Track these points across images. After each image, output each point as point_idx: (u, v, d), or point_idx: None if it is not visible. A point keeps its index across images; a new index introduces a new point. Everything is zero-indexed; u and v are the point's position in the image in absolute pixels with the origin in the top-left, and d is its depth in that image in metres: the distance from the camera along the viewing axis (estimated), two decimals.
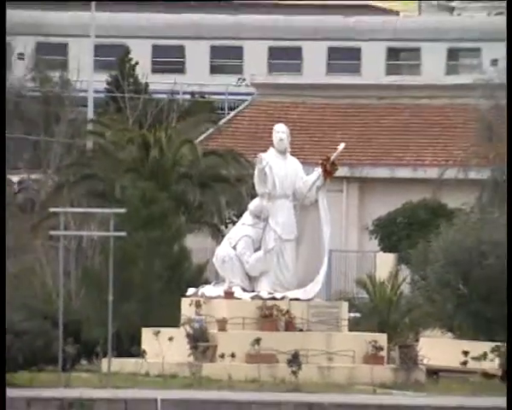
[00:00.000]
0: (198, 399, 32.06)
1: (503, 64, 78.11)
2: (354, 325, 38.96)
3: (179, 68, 74.23)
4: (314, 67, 79.71)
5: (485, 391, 35.88)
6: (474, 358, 37.62)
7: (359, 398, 33.44)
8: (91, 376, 35.84)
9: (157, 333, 37.15)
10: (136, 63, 79.92)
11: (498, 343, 37.48)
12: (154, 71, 73.32)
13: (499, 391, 35.16)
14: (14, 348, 35.74)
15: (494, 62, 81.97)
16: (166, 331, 37.20)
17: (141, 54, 79.54)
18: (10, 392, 33.13)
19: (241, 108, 58.70)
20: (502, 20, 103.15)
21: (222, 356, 36.34)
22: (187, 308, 37.66)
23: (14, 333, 36.13)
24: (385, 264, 43.29)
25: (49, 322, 36.15)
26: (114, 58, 76.34)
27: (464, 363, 37.68)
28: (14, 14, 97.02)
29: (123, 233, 36.80)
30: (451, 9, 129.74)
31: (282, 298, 37.84)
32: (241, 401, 31.71)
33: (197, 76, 71.91)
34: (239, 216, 39.43)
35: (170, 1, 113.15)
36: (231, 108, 57.46)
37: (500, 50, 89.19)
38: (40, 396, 32.03)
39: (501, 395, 34.51)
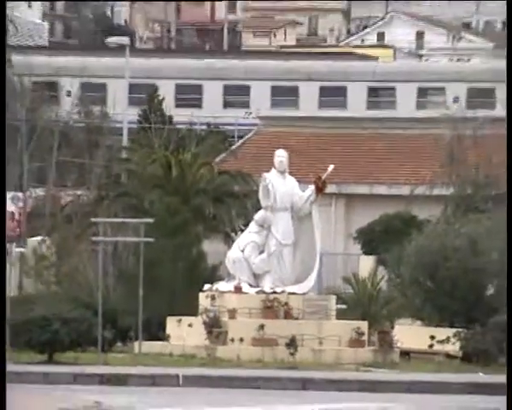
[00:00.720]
0: (212, 375, 33.05)
1: (463, 101, 78.89)
2: (341, 315, 39.57)
3: (198, 103, 75.24)
4: (308, 103, 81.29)
5: (448, 369, 37.02)
6: (438, 341, 38.74)
7: (344, 375, 34.77)
8: (125, 356, 36.80)
9: (179, 321, 37.98)
10: (163, 99, 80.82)
11: (459, 329, 38.25)
12: (177, 106, 74.18)
13: (460, 369, 36.82)
14: (63, 333, 36.34)
15: (456, 99, 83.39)
16: (187, 319, 37.97)
17: (166, 91, 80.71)
18: (60, 368, 35.19)
19: (248, 136, 59.50)
20: (462, 65, 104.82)
21: (232, 340, 36.91)
22: (204, 300, 38.10)
23: (63, 320, 36.76)
24: (366, 265, 43.74)
25: (91, 311, 36.69)
26: (145, 95, 77.23)
27: (431, 346, 38.83)
28: (62, 60, 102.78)
29: (151, 239, 37.62)
30: (420, 56, 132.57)
31: (282, 292, 38.22)
32: (248, 377, 32.97)
33: (212, 110, 73.17)
34: (246, 225, 39.85)
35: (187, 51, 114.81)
36: (240, 137, 58.60)
37: (461, 89, 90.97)
38: (83, 372, 33.23)
39: (461, 373, 36.26)
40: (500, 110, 76.97)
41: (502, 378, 33.16)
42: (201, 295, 38.25)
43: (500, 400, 27.71)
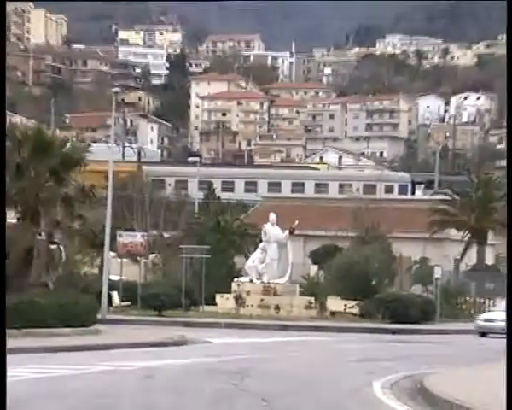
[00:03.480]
0: (237, 323, 33.85)
1: (361, 189, 74.15)
2: (301, 294, 39.51)
3: (232, 190, 73.13)
4: (286, 189, 79.25)
5: (353, 321, 37.19)
6: (348, 307, 38.48)
7: (302, 323, 34.98)
8: (195, 313, 37.73)
9: (222, 296, 38.91)
10: (215, 188, 77.91)
11: (358, 301, 37.85)
12: (222, 190, 73.30)
13: (359, 321, 36.83)
14: (165, 300, 36.64)
15: (357, 190, 79.76)
16: (226, 295, 38.68)
17: (216, 184, 78.86)
18: (162, 318, 34.68)
19: (256, 206, 58.96)
20: (358, 173, 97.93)
21: (247, 306, 37.85)
22: (234, 286, 38.87)
23: (166, 295, 36.78)
24: (313, 269, 44.16)
25: (179, 290, 37.40)
26: (206, 186, 75.76)
27: (344, 309, 38.65)
28: (167, 168, 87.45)
29: (208, 256, 38.61)
30: (340, 168, 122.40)
31: (272, 283, 38.38)
32: (255, 324, 33.42)
33: (239, 193, 71.64)
34: (255, 249, 40.59)
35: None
36: (252, 206, 58.47)
37: (360, 184, 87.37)
38: (175, 320, 33.79)
39: (359, 323, 35.91)
40: (380, 192, 74.31)
41: (379, 325, 34.90)
42: (233, 284, 39.01)
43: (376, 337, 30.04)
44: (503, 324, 24.42)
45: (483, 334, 32.72)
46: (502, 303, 35.78)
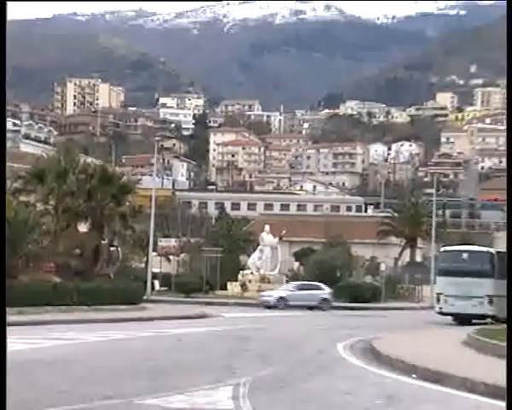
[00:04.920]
0: (242, 302, 32.71)
1: (329, 208, 72.44)
2: (287, 282, 37.10)
3: (238, 210, 70.14)
4: (276, 208, 76.70)
5: None
6: None
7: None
8: (212, 295, 36.41)
9: (231, 284, 38.04)
10: (224, 209, 70.29)
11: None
12: (231, 209, 70.59)
13: None
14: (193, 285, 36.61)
15: (326, 208, 76.48)
16: (234, 283, 37.84)
17: (228, 206, 75.93)
18: (187, 299, 33.08)
19: (254, 220, 57.59)
20: (327, 196, 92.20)
21: (249, 290, 36.27)
22: (240, 277, 37.99)
23: (194, 282, 36.58)
24: (296, 265, 43.26)
25: (201, 280, 36.84)
26: (219, 207, 72.87)
27: None
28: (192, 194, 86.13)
29: (222, 255, 38.08)
30: (314, 194, 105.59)
31: (267, 274, 37.56)
32: (255, 303, 31.82)
33: (243, 211, 68.86)
34: (254, 251, 39.41)
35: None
36: (253, 220, 57.14)
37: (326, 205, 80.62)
38: (197, 301, 32.60)
39: None
40: (343, 211, 72.82)
41: (341, 304, 32.84)
42: (239, 275, 38.32)
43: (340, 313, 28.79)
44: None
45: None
46: (424, 288, 38.34)
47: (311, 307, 30.27)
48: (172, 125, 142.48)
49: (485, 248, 25.97)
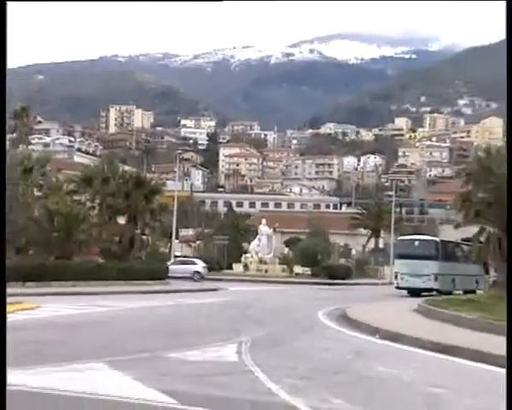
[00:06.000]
0: (244, 279, 31.81)
1: (312, 206, 68.98)
2: (279, 264, 37.94)
3: (241, 206, 66.91)
4: (270, 206, 74.68)
5: (307, 279, 33.98)
6: (304, 271, 36.21)
7: (280, 280, 32.52)
8: (221, 274, 34.71)
9: (236, 264, 37.87)
10: (231, 208, 67.75)
11: (310, 268, 35.59)
12: (236, 206, 67.25)
13: (310, 279, 33.86)
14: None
15: (311, 206, 71.77)
16: (238, 264, 37.85)
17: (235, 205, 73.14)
18: (207, 277, 32.05)
19: (254, 215, 56.53)
20: (309, 197, 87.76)
21: (250, 270, 36.47)
22: (243, 259, 37.75)
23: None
24: (286, 250, 42.39)
25: (212, 261, 35.61)
26: (228, 206, 68.31)
27: (303, 272, 36.05)
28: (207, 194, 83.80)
29: (228, 242, 37.79)
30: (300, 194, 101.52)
31: (263, 257, 37.38)
32: (254, 280, 31.25)
33: (245, 208, 65.97)
34: (254, 239, 38.92)
35: None
36: (253, 215, 55.41)
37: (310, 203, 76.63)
38: (213, 278, 31.48)
39: (310, 279, 33.46)
40: (323, 208, 70.97)
41: (321, 280, 32.36)
42: (242, 258, 38.56)
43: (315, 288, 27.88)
44: None
45: None
46: (385, 268, 37.80)
47: (186, 278, 29.24)
48: (191, 141, 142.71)
49: (431, 238, 26.23)
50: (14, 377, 4.89)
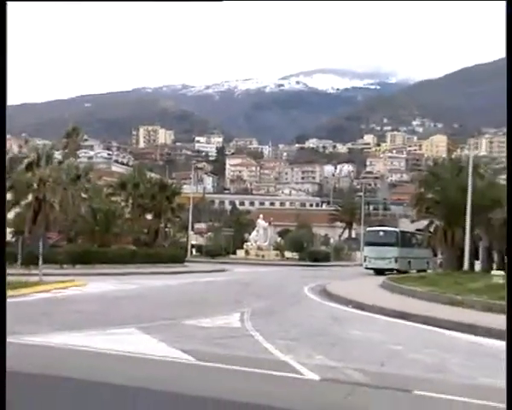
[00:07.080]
0: (246, 263, 29.75)
1: (299, 205, 66.78)
2: (274, 250, 35.65)
3: (243, 204, 64.26)
4: (266, 204, 73.25)
5: (296, 262, 32.06)
6: (293, 255, 34.12)
7: (274, 263, 30.88)
8: (227, 258, 33.11)
9: (239, 250, 35.35)
10: (235, 206, 65.76)
11: (298, 253, 33.73)
12: (239, 205, 63.10)
13: (298, 262, 31.83)
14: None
15: (298, 206, 64.92)
16: (241, 250, 35.31)
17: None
18: (209, 259, 31.72)
19: (253, 212, 54.45)
20: (298, 197, 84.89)
21: (251, 255, 34.09)
22: (244, 246, 35.82)
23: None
24: (279, 239, 41.04)
25: (220, 247, 35.10)
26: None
27: (292, 256, 34.18)
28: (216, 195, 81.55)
29: (233, 233, 37.37)
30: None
31: (262, 245, 35.24)
32: (254, 263, 29.76)
33: (246, 206, 61.62)
34: (253, 230, 37.09)
35: None
36: (252, 212, 53.52)
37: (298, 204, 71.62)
38: (221, 261, 30.36)
39: (298, 262, 31.53)
40: (307, 206, 70.48)
41: (306, 263, 30.93)
42: (244, 245, 36.36)
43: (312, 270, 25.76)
44: None
45: None
46: (356, 253, 37.31)
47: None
48: (203, 153, 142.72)
49: (392, 229, 26.67)
50: (66, 338, 5.19)
